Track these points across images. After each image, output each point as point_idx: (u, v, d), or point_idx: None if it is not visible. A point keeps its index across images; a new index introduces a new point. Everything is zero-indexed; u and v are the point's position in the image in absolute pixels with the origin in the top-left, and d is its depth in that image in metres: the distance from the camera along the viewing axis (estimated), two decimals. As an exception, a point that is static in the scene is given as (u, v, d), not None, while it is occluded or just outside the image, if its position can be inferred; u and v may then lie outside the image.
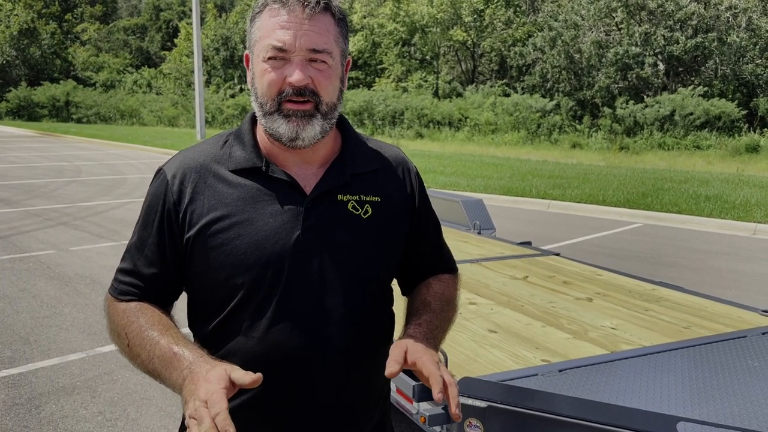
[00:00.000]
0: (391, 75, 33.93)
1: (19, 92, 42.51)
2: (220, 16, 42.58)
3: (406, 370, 1.15)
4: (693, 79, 23.36)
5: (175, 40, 44.79)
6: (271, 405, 1.19)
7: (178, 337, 1.11)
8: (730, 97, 21.95)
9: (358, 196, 1.22)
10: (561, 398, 1.82)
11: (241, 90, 36.65)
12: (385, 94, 29.47)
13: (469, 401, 1.78)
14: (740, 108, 20.97)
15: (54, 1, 49.94)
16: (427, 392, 2.06)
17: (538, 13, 30.31)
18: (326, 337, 1.18)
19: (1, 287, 5.70)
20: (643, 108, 21.89)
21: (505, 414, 1.76)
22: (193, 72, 22.04)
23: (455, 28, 31.58)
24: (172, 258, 1.20)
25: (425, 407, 2.15)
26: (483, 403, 1.76)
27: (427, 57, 33.14)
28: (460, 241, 4.50)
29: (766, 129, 20.64)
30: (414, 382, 2.11)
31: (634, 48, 23.24)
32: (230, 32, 39.67)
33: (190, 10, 28.97)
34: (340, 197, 1.21)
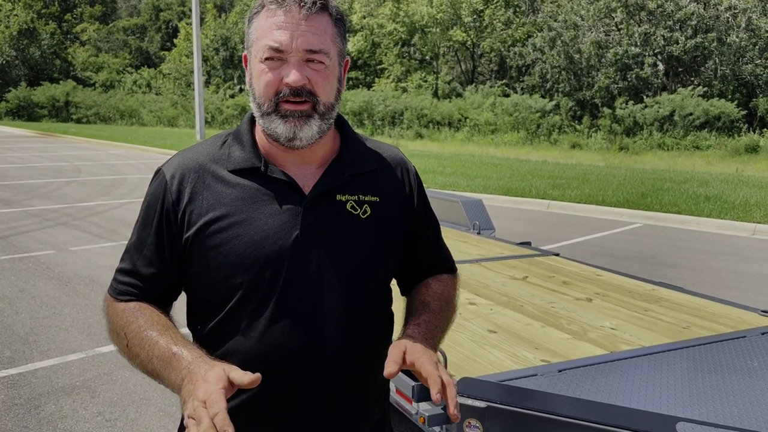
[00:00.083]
0: (390, 75, 33.94)
1: (18, 92, 42.48)
2: (220, 17, 42.60)
3: (406, 371, 1.15)
4: (692, 79, 23.37)
5: (175, 41, 44.79)
6: (270, 405, 1.18)
7: (177, 337, 1.11)
8: (730, 97, 21.96)
9: (356, 196, 1.22)
10: (560, 398, 1.82)
11: (241, 90, 36.64)
12: (384, 95, 29.47)
13: (469, 401, 1.78)
14: (740, 108, 20.99)
15: (54, 2, 49.93)
16: (426, 392, 2.05)
17: (538, 13, 30.33)
18: (325, 337, 1.17)
19: (1, 287, 5.69)
20: (643, 108, 21.90)
21: (504, 414, 1.75)
22: (193, 72, 22.05)
23: (455, 28, 31.60)
24: (171, 258, 1.20)
25: (425, 407, 2.15)
26: (482, 404, 1.76)
27: (427, 57, 33.16)
28: (460, 242, 4.50)
29: (765, 129, 20.66)
30: (413, 383, 2.11)
31: (633, 48, 23.25)
32: (230, 32, 39.67)
33: (190, 11, 28.99)
34: (338, 197, 1.21)
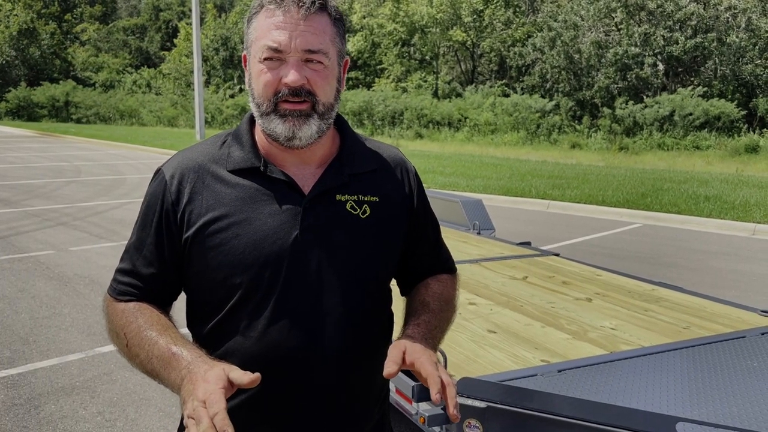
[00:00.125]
0: (390, 75, 33.94)
1: (18, 92, 42.48)
2: (220, 17, 42.60)
3: (406, 371, 1.15)
4: (692, 79, 23.37)
5: (175, 41, 44.79)
6: (270, 405, 1.18)
7: (176, 337, 1.11)
8: (730, 97, 21.96)
9: (356, 196, 1.22)
10: (560, 399, 1.82)
11: (241, 90, 36.63)
12: (384, 95, 29.47)
13: (469, 401, 1.78)
14: (739, 108, 20.98)
15: (53, 2, 49.93)
16: (426, 393, 2.05)
17: (538, 13, 30.33)
18: (324, 337, 1.17)
19: (1, 287, 5.69)
20: (643, 108, 21.90)
21: (504, 414, 1.75)
22: (193, 72, 22.05)
23: (455, 28, 31.60)
24: (170, 258, 1.20)
25: (425, 408, 2.15)
26: (482, 404, 1.76)
27: (427, 57, 33.16)
28: (460, 242, 4.50)
29: (765, 129, 20.66)
30: (413, 383, 2.11)
31: (633, 48, 23.25)
32: (230, 32, 39.67)
33: (190, 11, 28.99)
34: (338, 197, 1.21)
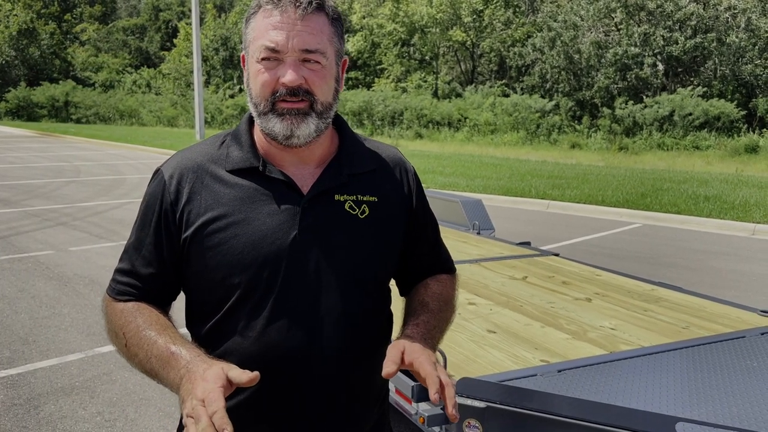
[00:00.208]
0: (390, 75, 33.94)
1: (18, 92, 42.47)
2: (220, 17, 42.60)
3: (405, 371, 1.15)
4: (692, 79, 23.38)
5: (175, 41, 44.79)
6: (269, 404, 1.18)
7: (175, 337, 1.11)
8: (729, 97, 21.97)
9: (355, 196, 1.22)
10: (560, 399, 1.82)
11: (241, 90, 36.61)
12: (384, 95, 29.48)
13: (468, 402, 1.77)
14: (739, 108, 20.99)
15: (53, 2, 49.93)
16: (425, 393, 2.05)
17: (538, 13, 30.33)
18: (323, 337, 1.17)
19: (0, 287, 5.69)
20: (643, 108, 21.90)
21: (504, 414, 1.75)
22: (193, 72, 22.05)
23: (454, 28, 31.60)
24: (169, 258, 1.20)
25: (424, 408, 2.15)
26: (482, 404, 1.76)
27: (427, 57, 33.16)
28: (460, 242, 4.50)
29: (765, 129, 20.66)
30: (413, 383, 2.11)
31: (633, 48, 23.26)
32: (229, 32, 39.68)
33: (190, 11, 28.99)
34: (337, 197, 1.21)
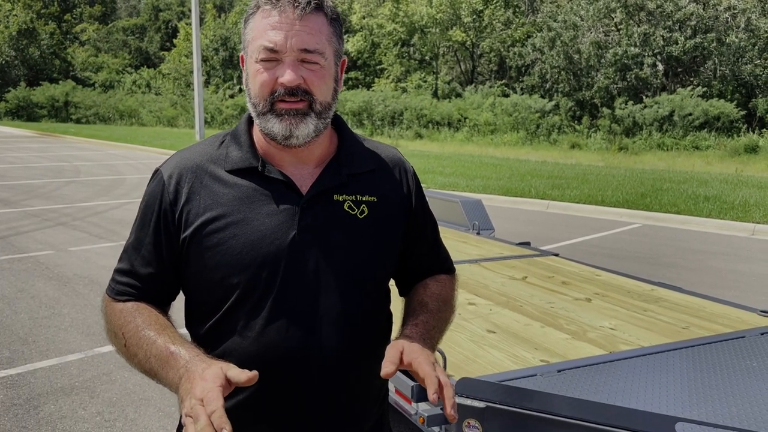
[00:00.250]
0: (390, 75, 33.94)
1: (18, 92, 42.47)
2: (219, 17, 42.60)
3: (405, 371, 1.15)
4: (692, 79, 23.38)
5: (174, 41, 44.78)
6: (268, 404, 1.18)
7: (174, 337, 1.11)
8: (729, 97, 21.97)
9: (354, 196, 1.22)
10: (560, 399, 1.82)
11: (240, 90, 36.59)
12: (384, 95, 29.48)
13: (468, 402, 1.77)
14: (739, 108, 20.99)
15: (53, 2, 49.93)
16: (425, 393, 2.05)
17: (537, 13, 30.34)
18: (322, 337, 1.17)
19: (0, 288, 5.69)
20: (642, 108, 21.90)
21: (503, 414, 1.75)
22: (192, 72, 22.04)
23: (454, 28, 31.60)
24: (168, 258, 1.20)
25: (424, 408, 2.15)
26: (481, 404, 1.76)
27: (427, 57, 33.16)
28: (459, 242, 4.50)
29: (764, 129, 20.66)
30: (412, 383, 2.11)
31: (633, 48, 23.26)
32: (229, 32, 39.68)
33: (189, 11, 28.97)
34: (336, 197, 1.21)
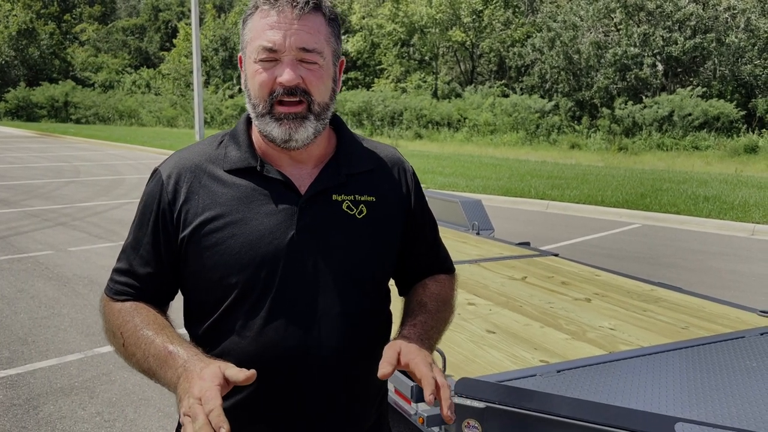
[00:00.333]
0: (390, 75, 33.95)
1: (17, 93, 42.47)
2: (219, 17, 42.60)
3: (405, 371, 1.15)
4: (692, 79, 23.38)
5: (174, 41, 44.79)
6: (266, 404, 1.18)
7: (173, 336, 1.11)
8: (729, 97, 21.97)
9: (353, 196, 1.22)
10: (559, 399, 1.81)
11: (240, 90, 36.59)
12: (384, 95, 29.49)
13: (467, 402, 1.77)
14: (739, 109, 20.99)
15: (53, 2, 49.94)
16: (424, 393, 2.05)
17: (537, 13, 30.35)
18: (321, 337, 1.17)
19: (0, 288, 5.70)
20: (642, 109, 21.90)
21: (503, 415, 1.75)
22: (192, 72, 22.03)
23: (454, 28, 31.60)
24: (167, 258, 1.20)
25: (423, 408, 2.14)
26: (481, 404, 1.76)
27: (426, 58, 33.16)
28: (459, 242, 4.50)
29: (764, 130, 20.67)
30: (412, 383, 2.11)
31: (632, 49, 23.26)
32: (229, 33, 39.69)
33: (189, 11, 28.97)
34: (334, 197, 1.21)
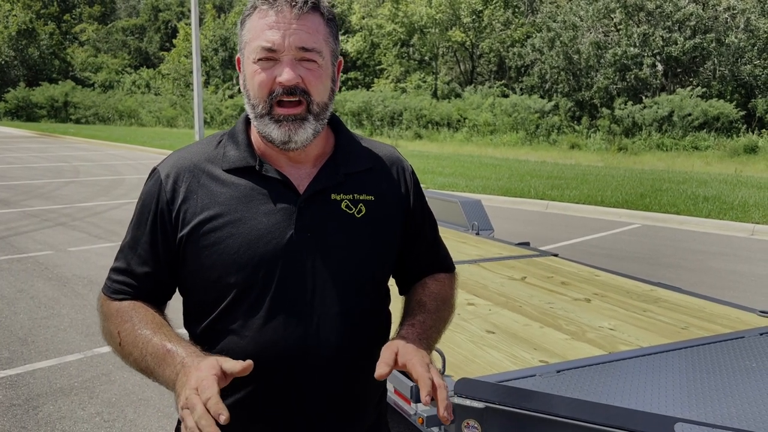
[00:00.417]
0: (389, 76, 33.95)
1: (17, 93, 42.49)
2: (219, 17, 42.62)
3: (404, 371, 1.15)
4: (691, 79, 23.39)
5: (174, 41, 44.81)
6: (265, 403, 1.18)
7: (170, 335, 1.11)
8: (729, 98, 21.98)
9: (351, 195, 1.22)
10: (559, 399, 1.81)
11: (240, 91, 36.59)
12: (383, 95, 29.50)
13: (467, 402, 1.77)
14: (738, 109, 21.00)
15: (52, 2, 49.94)
16: (424, 393, 2.05)
17: (537, 13, 30.35)
18: (320, 337, 1.17)
19: (-1, 288, 5.69)
20: (642, 109, 21.91)
21: (502, 415, 1.75)
22: (192, 72, 22.04)
23: (454, 28, 31.60)
24: (164, 257, 1.20)
25: (423, 408, 2.14)
26: (480, 404, 1.76)
27: (426, 58, 33.16)
28: (459, 242, 4.50)
29: (764, 130, 20.67)
30: (411, 383, 2.11)
31: (632, 49, 23.27)
32: (229, 33, 39.69)
33: (189, 11, 28.96)
34: (333, 196, 1.20)
